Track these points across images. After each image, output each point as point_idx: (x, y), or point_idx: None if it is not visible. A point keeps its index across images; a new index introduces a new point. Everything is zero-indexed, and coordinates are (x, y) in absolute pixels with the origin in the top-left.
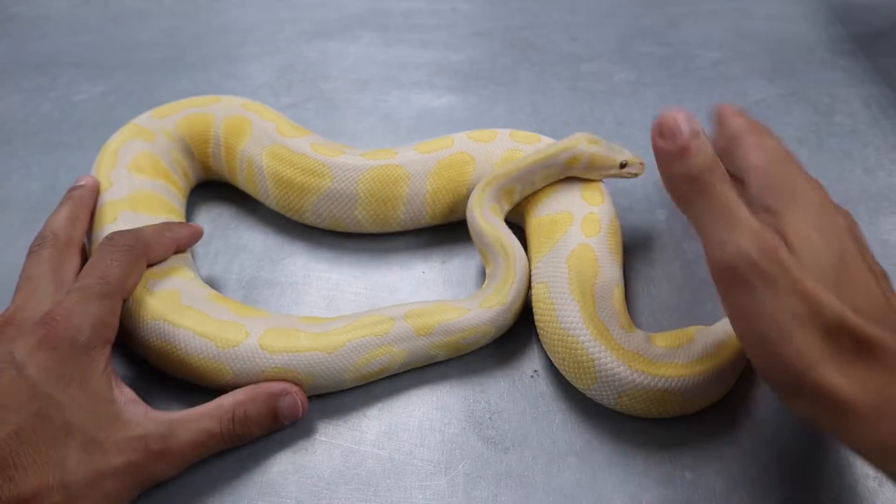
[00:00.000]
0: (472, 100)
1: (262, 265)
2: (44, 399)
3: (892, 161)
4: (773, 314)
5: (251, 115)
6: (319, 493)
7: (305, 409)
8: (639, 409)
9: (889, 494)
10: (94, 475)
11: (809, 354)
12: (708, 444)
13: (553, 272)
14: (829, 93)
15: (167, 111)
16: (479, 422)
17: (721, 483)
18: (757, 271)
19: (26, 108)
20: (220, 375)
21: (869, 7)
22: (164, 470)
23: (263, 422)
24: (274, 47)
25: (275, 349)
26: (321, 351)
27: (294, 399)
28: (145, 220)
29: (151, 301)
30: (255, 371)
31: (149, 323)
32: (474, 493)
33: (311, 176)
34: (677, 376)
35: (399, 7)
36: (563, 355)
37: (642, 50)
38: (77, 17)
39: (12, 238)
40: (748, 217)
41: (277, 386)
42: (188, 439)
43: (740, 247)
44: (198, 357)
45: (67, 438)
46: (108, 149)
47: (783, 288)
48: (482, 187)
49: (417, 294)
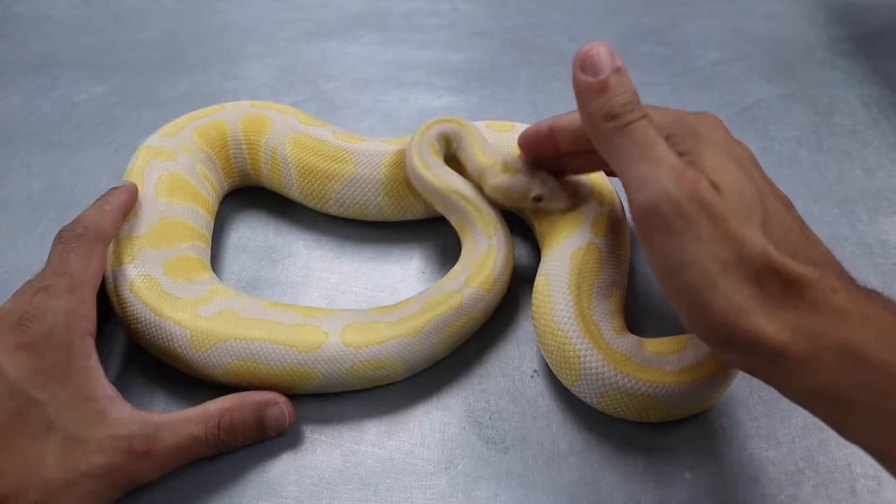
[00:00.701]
0: (472, 100)
1: (262, 265)
2: (22, 398)
3: (892, 161)
4: (696, 260)
5: (266, 111)
6: (319, 493)
7: (292, 419)
8: (620, 411)
9: (889, 494)
10: (75, 474)
11: (738, 303)
12: (708, 444)
13: (555, 266)
14: (829, 93)
15: (174, 128)
16: (479, 422)
17: (721, 483)
18: (679, 212)
19: (27, 108)
20: (308, 380)
21: (868, 7)
22: (146, 472)
23: (249, 430)
24: (274, 47)
25: (359, 344)
26: (406, 336)
27: (281, 409)
28: (167, 254)
29: (211, 326)
30: (343, 369)
31: (218, 347)
32: (474, 492)
33: (334, 162)
34: (662, 383)
35: (399, 7)
36: (552, 348)
37: (642, 50)
38: (78, 18)
39: (12, 238)
40: (668, 153)
41: (266, 395)
42: (173, 442)
43: (661, 185)
44: (281, 366)
45: (48, 436)
46: (133, 173)
47: (706, 231)
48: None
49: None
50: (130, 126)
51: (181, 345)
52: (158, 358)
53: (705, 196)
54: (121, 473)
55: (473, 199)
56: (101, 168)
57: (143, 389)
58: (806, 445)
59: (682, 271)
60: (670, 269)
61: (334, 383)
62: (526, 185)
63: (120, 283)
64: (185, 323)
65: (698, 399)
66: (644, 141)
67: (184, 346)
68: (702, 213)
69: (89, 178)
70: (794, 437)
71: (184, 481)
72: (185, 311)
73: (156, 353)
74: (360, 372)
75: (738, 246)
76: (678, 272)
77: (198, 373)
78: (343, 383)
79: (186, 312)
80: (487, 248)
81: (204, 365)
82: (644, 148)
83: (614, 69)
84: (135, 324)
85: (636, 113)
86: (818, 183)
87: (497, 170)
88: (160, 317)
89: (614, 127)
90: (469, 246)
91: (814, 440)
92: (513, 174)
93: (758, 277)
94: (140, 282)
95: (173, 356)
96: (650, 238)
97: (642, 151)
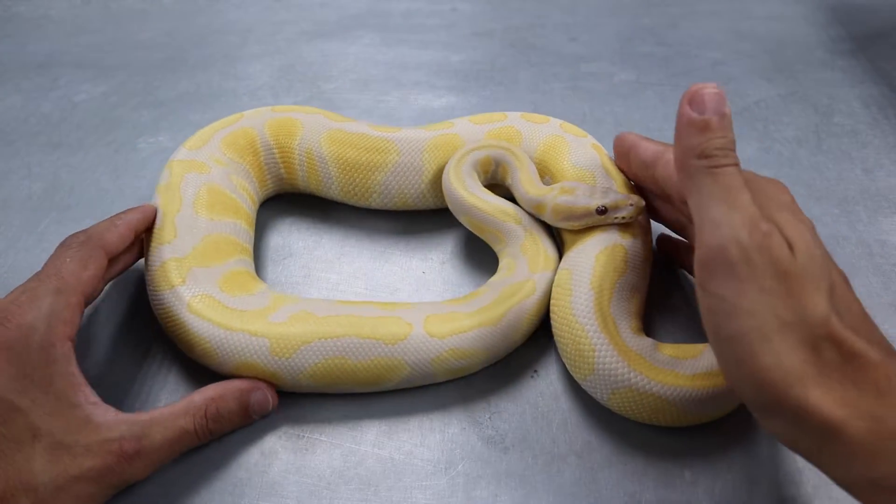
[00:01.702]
0: (472, 100)
1: (263, 265)
2: (3, 404)
3: (892, 161)
4: (754, 309)
5: (290, 114)
6: (319, 493)
7: (275, 403)
8: (629, 411)
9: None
10: (64, 478)
11: (790, 365)
12: (708, 444)
13: (580, 261)
14: (829, 93)
15: (200, 141)
16: (479, 422)
17: (721, 483)
18: (746, 259)
19: (27, 109)
20: (395, 372)
21: (868, 8)
22: (137, 471)
23: (234, 417)
24: (274, 47)
25: (443, 334)
26: (487, 325)
27: (264, 394)
28: (218, 271)
29: (290, 330)
30: (429, 359)
31: (303, 350)
32: (474, 492)
33: (376, 153)
34: (675, 385)
35: (399, 7)
36: (567, 341)
37: (642, 50)
38: (78, 18)
39: (12, 238)
40: (749, 204)
41: (247, 382)
42: (163, 438)
43: (735, 229)
44: (369, 360)
45: (34, 443)
46: (169, 188)
47: (770, 284)
48: (456, 161)
49: (417, 294)
50: (130, 126)
51: (261, 355)
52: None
53: (776, 250)
54: (112, 475)
55: (523, 219)
56: (101, 168)
57: (141, 390)
58: None
59: (737, 318)
60: (725, 314)
61: (420, 375)
62: (587, 200)
63: (174, 307)
64: (262, 332)
65: (708, 408)
66: (729, 187)
67: (263, 357)
68: (769, 265)
69: (89, 178)
70: None
71: (184, 482)
72: (256, 321)
73: (230, 370)
74: (445, 362)
75: (801, 307)
76: (733, 318)
77: (281, 381)
78: (427, 375)
79: (259, 322)
80: (529, 240)
81: (289, 371)
82: (727, 193)
83: (720, 113)
84: (202, 344)
85: (729, 159)
86: (818, 183)
87: (555, 193)
88: (231, 331)
89: (705, 166)
90: (512, 250)
91: None
92: (571, 193)
93: (816, 345)
94: (198, 302)
95: (252, 369)
96: (710, 280)
97: (724, 196)
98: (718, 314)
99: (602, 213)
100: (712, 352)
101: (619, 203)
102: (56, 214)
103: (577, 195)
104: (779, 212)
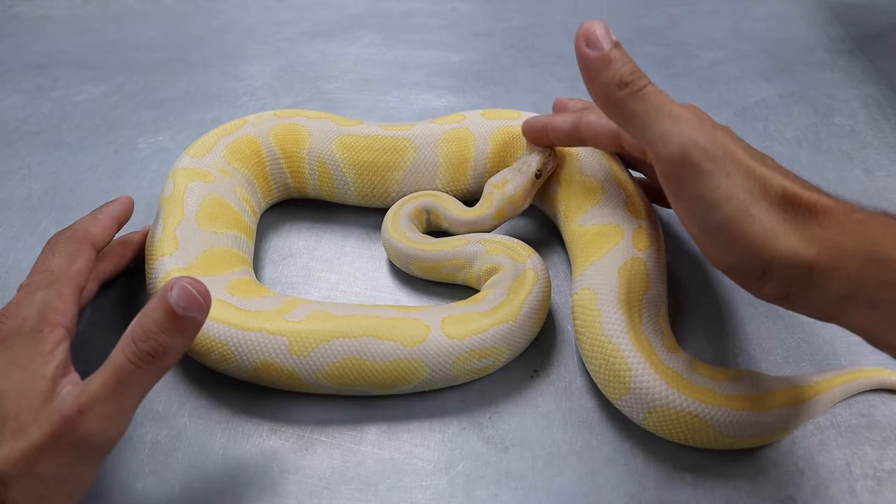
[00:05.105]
0: (472, 100)
1: (263, 265)
2: None
3: (892, 161)
4: (730, 194)
5: (296, 119)
6: (319, 493)
7: (202, 291)
8: (665, 430)
9: (889, 494)
10: (22, 459)
11: (771, 226)
12: None
13: (602, 280)
14: (829, 93)
15: (203, 148)
16: (479, 422)
17: (721, 483)
18: (707, 155)
19: (27, 109)
20: (415, 374)
21: (868, 8)
22: (93, 428)
23: (165, 325)
24: (274, 47)
25: (462, 335)
26: (506, 322)
27: (181, 285)
28: (224, 279)
29: (309, 327)
30: (450, 361)
31: (320, 349)
32: (474, 493)
33: (393, 153)
34: (714, 404)
35: (399, 7)
36: (599, 362)
37: (642, 50)
38: (78, 18)
39: (12, 238)
40: (682, 109)
41: (163, 286)
42: (101, 383)
43: (686, 135)
44: (387, 362)
45: (2, 429)
46: (173, 199)
47: (733, 168)
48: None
49: (417, 294)
50: (130, 126)
51: (279, 354)
52: (251, 382)
53: (722, 138)
54: (63, 442)
55: (490, 237)
56: (101, 168)
57: None
58: (805, 445)
59: (719, 207)
60: (707, 209)
61: (440, 377)
62: (525, 176)
63: None
64: (280, 330)
65: (745, 431)
66: (659, 103)
67: (282, 355)
68: (726, 152)
69: (89, 178)
70: (794, 437)
71: (183, 481)
72: (273, 319)
73: (249, 373)
74: (466, 363)
75: (759, 178)
76: (715, 209)
77: (298, 381)
78: (448, 377)
79: (276, 321)
80: (489, 244)
81: (306, 370)
82: (660, 108)
83: (613, 43)
84: (219, 348)
85: (644, 79)
86: (818, 183)
87: (498, 193)
88: (248, 331)
89: (628, 94)
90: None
91: (813, 440)
92: (510, 182)
93: (781, 205)
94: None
95: (271, 369)
96: (683, 186)
97: (661, 112)
98: (699, 211)
99: (539, 176)
100: (753, 377)
101: (542, 161)
102: (56, 214)
103: (515, 180)
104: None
